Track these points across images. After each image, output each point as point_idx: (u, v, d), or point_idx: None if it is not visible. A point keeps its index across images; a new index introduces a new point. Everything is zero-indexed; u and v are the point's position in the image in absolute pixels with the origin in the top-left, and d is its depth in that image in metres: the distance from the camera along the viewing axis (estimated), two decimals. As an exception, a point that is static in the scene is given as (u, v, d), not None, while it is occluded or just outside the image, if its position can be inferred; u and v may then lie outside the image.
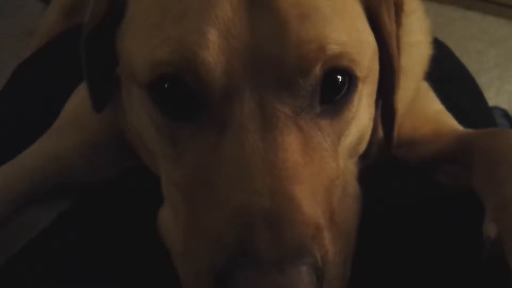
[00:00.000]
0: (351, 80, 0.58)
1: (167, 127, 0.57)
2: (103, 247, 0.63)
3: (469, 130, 0.75)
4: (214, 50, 0.53)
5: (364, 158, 0.66)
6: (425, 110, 0.81)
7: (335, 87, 0.57)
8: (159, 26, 0.55)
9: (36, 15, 1.62)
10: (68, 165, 0.72)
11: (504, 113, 1.63)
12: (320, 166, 0.55)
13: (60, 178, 0.71)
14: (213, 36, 0.53)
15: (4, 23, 2.14)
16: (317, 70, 0.54)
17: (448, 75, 1.01)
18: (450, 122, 0.81)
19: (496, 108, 1.64)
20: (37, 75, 1.04)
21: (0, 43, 2.00)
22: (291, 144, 0.53)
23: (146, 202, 0.62)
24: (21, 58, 1.14)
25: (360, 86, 0.59)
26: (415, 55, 0.79)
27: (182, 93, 0.55)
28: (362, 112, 0.61)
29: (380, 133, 0.70)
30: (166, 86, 0.55)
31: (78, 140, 0.74)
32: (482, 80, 1.91)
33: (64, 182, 0.71)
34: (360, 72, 0.58)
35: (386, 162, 0.71)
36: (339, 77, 0.57)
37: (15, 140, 0.77)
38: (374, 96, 0.65)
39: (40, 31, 1.36)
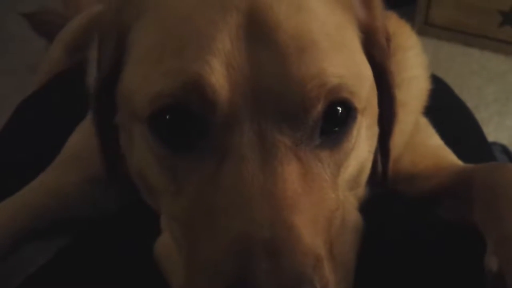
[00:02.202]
0: (350, 111, 0.58)
1: (168, 160, 0.57)
2: (102, 283, 0.62)
3: (469, 165, 0.75)
4: (219, 75, 0.53)
5: (365, 189, 0.66)
6: (424, 145, 0.82)
7: (334, 119, 0.57)
8: (158, 62, 0.56)
9: (40, 52, 1.63)
10: (69, 200, 0.72)
11: (504, 148, 1.63)
12: (319, 197, 0.55)
13: (60, 213, 0.71)
14: (216, 64, 0.53)
15: (8, 59, 2.16)
16: (320, 107, 0.54)
17: (447, 111, 1.01)
18: (450, 158, 0.81)
19: (495, 144, 1.64)
20: (39, 112, 1.05)
21: (4, 79, 2.02)
22: (290, 174, 0.53)
23: (146, 237, 0.62)
24: (25, 94, 1.15)
25: (359, 117, 0.59)
26: (413, 89, 0.79)
27: (183, 123, 0.55)
28: (361, 144, 0.61)
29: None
30: (167, 117, 0.55)
31: (78, 176, 0.74)
32: (481, 116, 1.93)
33: (64, 217, 0.71)
34: (358, 104, 0.58)
35: (387, 196, 0.71)
36: (339, 109, 0.57)
37: (17, 176, 0.77)
38: (373, 129, 0.65)
39: (43, 68, 1.37)
